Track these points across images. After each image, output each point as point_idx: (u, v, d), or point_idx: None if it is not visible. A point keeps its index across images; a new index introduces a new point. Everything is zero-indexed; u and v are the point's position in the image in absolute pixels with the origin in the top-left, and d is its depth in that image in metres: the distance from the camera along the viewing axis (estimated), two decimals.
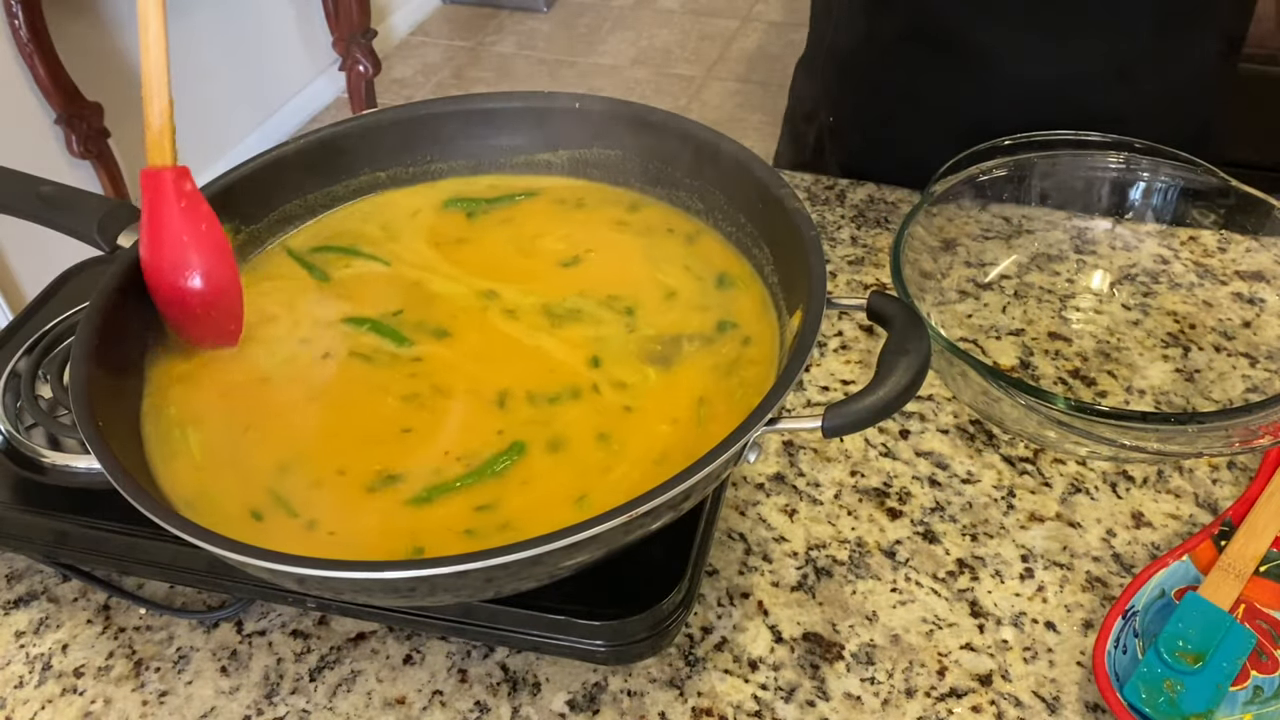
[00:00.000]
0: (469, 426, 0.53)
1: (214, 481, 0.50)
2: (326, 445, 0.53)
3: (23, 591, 0.61)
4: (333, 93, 2.86)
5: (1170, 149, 0.73)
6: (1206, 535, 0.58)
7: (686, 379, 0.54)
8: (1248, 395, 0.68)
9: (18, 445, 0.58)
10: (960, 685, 0.54)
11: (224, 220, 0.58)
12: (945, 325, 0.72)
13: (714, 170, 0.60)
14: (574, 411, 0.52)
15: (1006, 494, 0.63)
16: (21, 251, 1.97)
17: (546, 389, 0.53)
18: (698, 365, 0.54)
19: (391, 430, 0.53)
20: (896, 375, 0.45)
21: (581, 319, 0.57)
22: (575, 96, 0.64)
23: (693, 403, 0.52)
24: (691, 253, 0.61)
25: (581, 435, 0.51)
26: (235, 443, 0.53)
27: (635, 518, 0.41)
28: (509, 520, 0.48)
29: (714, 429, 0.50)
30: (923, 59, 0.86)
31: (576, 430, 0.51)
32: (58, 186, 0.60)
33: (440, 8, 3.31)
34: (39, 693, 0.56)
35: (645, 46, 2.99)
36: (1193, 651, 0.52)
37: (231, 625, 0.58)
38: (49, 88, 1.96)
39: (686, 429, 0.51)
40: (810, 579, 0.59)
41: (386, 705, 0.54)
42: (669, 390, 0.53)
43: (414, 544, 0.48)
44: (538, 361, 0.55)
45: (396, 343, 0.57)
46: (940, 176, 0.73)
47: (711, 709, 0.53)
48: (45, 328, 0.64)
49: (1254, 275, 0.75)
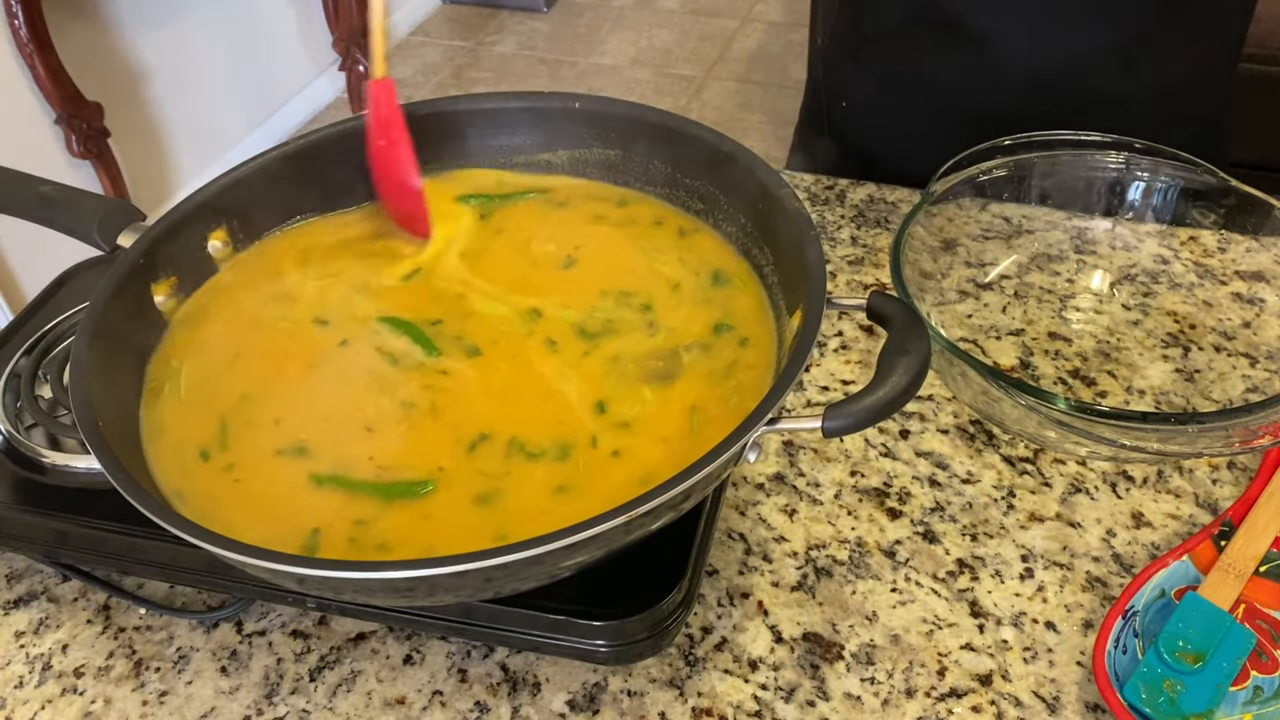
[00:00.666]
0: (418, 450, 0.52)
1: (188, 414, 0.54)
2: (290, 397, 0.54)
3: (23, 591, 0.61)
4: (333, 93, 2.86)
5: (1170, 149, 0.73)
6: (1206, 535, 0.58)
7: (682, 391, 0.53)
8: (1248, 395, 0.68)
9: (18, 445, 0.58)
10: (960, 685, 0.54)
11: (220, 224, 0.61)
12: (945, 325, 0.72)
13: (714, 170, 0.60)
14: (541, 471, 0.50)
15: (1006, 494, 0.63)
16: (21, 251, 1.97)
17: (535, 443, 0.51)
18: (696, 372, 0.54)
19: (356, 419, 0.53)
20: (896, 375, 0.45)
21: (615, 331, 0.56)
22: (575, 97, 0.64)
23: (685, 412, 0.52)
24: (684, 245, 0.61)
25: (532, 491, 0.49)
26: (221, 373, 0.55)
27: (635, 518, 0.41)
28: (386, 543, 0.48)
29: (710, 433, 0.50)
30: (927, 45, 0.87)
31: (529, 487, 0.50)
32: (58, 186, 0.60)
33: (440, 8, 3.31)
34: (39, 693, 0.56)
35: (645, 46, 2.99)
36: (1193, 651, 0.52)
37: (231, 625, 0.58)
38: (49, 88, 1.96)
39: (676, 445, 0.51)
40: (810, 579, 0.59)
41: (386, 705, 0.54)
42: (664, 408, 0.52)
43: (305, 524, 0.48)
44: (549, 410, 0.53)
45: (427, 351, 0.57)
46: (940, 176, 0.73)
47: (711, 709, 0.53)
48: (45, 328, 0.65)
49: (1254, 275, 0.75)
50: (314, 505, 0.49)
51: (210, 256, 0.61)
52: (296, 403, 0.54)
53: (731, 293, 0.58)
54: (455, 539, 0.48)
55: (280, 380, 0.56)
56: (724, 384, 0.53)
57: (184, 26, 2.36)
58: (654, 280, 0.59)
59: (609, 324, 0.57)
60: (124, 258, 0.56)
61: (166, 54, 2.32)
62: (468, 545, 0.41)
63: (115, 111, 2.12)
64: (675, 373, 0.54)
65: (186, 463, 0.51)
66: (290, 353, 0.57)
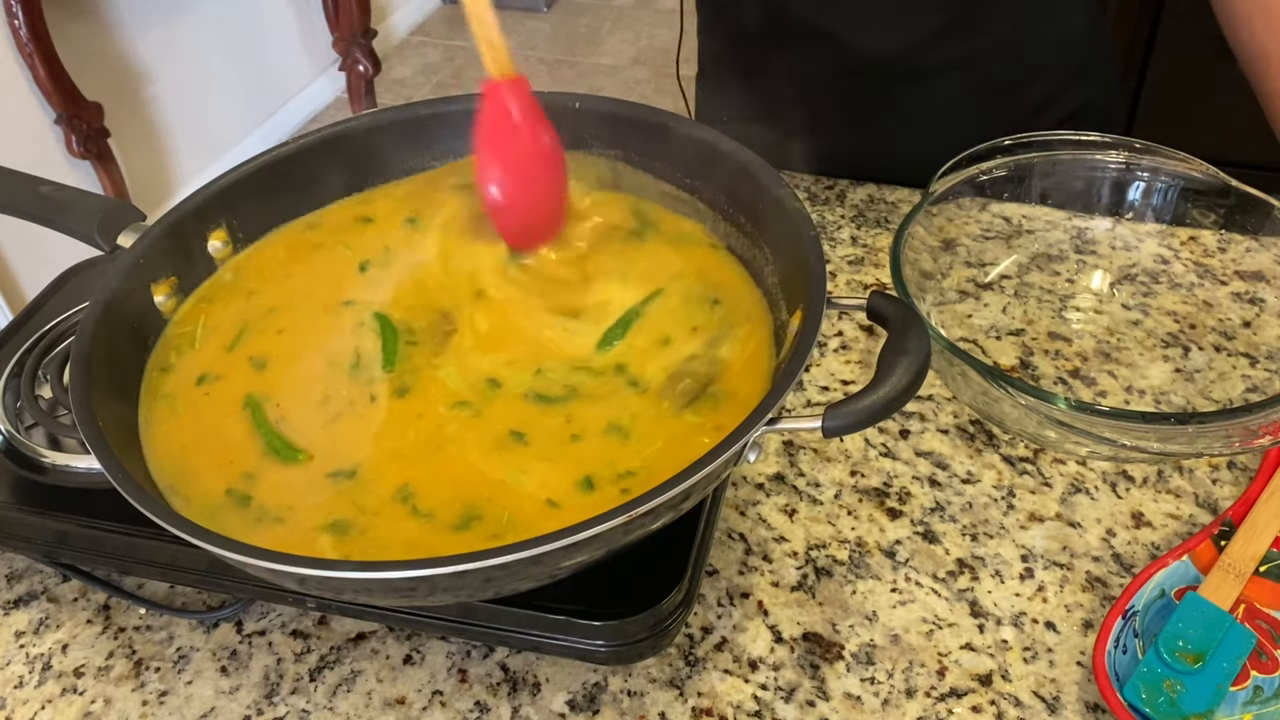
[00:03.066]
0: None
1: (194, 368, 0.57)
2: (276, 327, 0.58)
3: (23, 591, 0.61)
4: (333, 93, 2.86)
5: (1170, 149, 0.73)
6: (1206, 535, 0.58)
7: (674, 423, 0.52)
8: (1248, 395, 0.68)
9: (18, 445, 0.58)
10: (960, 685, 0.54)
11: (220, 224, 0.61)
12: (945, 325, 0.72)
13: (713, 170, 0.60)
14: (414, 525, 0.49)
15: (1006, 494, 0.63)
16: (21, 251, 1.97)
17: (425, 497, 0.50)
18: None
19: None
20: (896, 375, 0.45)
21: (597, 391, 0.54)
22: (574, 96, 0.64)
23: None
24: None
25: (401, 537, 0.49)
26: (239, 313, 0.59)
27: (635, 518, 0.41)
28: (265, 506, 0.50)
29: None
30: (786, 48, 0.89)
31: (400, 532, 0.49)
32: (58, 186, 0.60)
33: (440, 8, 3.31)
34: (39, 693, 0.56)
35: (645, 46, 2.99)
36: (1193, 651, 0.52)
37: (231, 625, 0.58)
38: (49, 88, 1.96)
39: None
40: (810, 579, 0.59)
41: (386, 705, 0.54)
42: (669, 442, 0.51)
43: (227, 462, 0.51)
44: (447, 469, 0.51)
45: (385, 364, 0.56)
46: (940, 176, 0.73)
47: (711, 709, 0.53)
48: (45, 328, 0.64)
49: (1254, 275, 0.75)
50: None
51: (210, 256, 0.61)
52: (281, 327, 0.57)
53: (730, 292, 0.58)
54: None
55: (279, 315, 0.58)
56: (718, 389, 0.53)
57: (184, 26, 2.36)
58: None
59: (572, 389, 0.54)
60: (124, 258, 0.56)
61: (166, 54, 2.32)
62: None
63: (115, 111, 2.12)
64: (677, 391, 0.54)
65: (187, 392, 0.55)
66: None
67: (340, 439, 0.53)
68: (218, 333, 0.58)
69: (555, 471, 0.50)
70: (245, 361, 0.56)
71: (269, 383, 0.55)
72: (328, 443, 0.52)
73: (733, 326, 0.56)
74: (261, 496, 0.50)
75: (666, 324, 0.57)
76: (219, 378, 0.56)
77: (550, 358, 0.56)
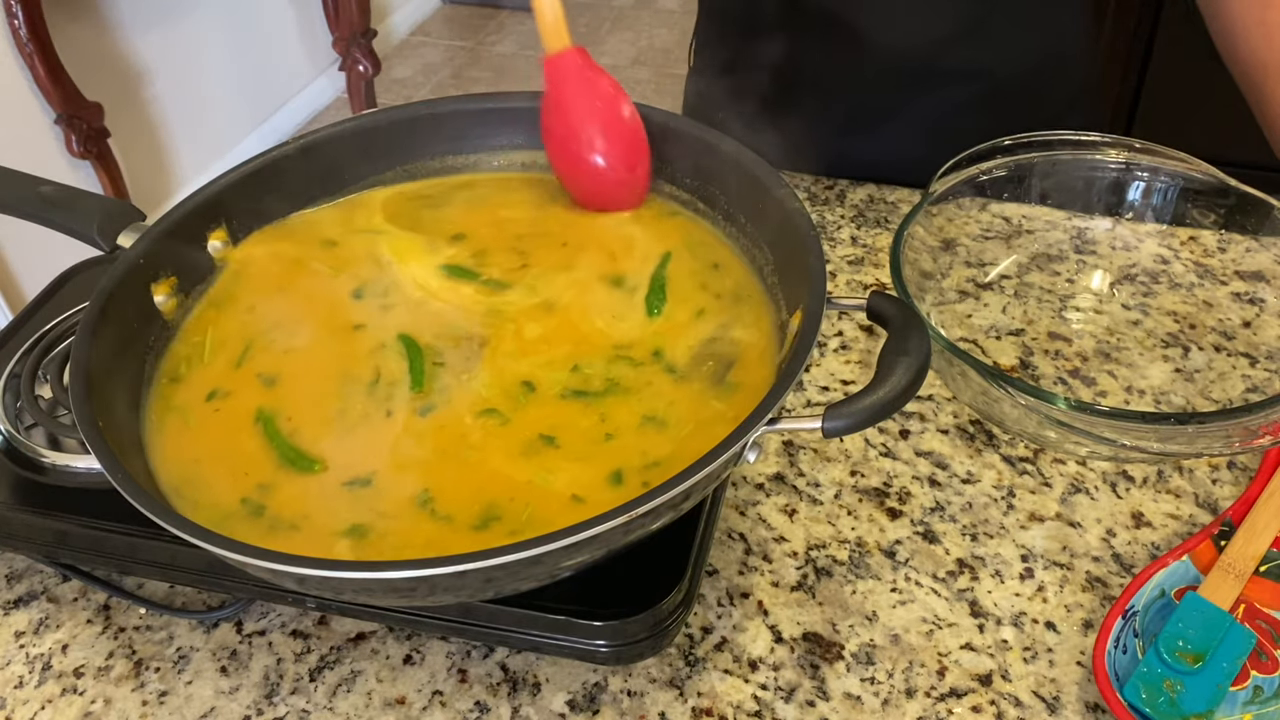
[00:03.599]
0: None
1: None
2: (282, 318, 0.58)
3: (23, 591, 0.61)
4: (333, 93, 2.86)
5: (1169, 149, 0.73)
6: (1206, 535, 0.58)
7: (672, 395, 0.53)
8: (1248, 395, 0.68)
9: (18, 445, 0.58)
10: (960, 685, 0.54)
11: (220, 224, 0.61)
12: (945, 325, 0.72)
13: (713, 170, 0.60)
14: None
15: (1006, 494, 0.63)
16: (21, 251, 1.97)
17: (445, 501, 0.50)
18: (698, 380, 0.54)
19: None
20: (896, 375, 0.45)
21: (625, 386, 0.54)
22: None
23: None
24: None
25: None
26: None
27: (635, 518, 0.41)
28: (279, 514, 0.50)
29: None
30: (802, 39, 0.89)
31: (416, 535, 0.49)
32: (58, 186, 0.60)
33: (440, 8, 3.31)
34: (39, 693, 0.56)
35: (645, 46, 3.00)
36: (1193, 651, 0.52)
37: (231, 625, 0.58)
38: (49, 88, 1.96)
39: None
40: (810, 579, 0.59)
41: (386, 705, 0.54)
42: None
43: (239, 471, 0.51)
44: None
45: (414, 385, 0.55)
46: (940, 176, 0.73)
47: (711, 709, 0.53)
48: (45, 328, 0.64)
49: (1254, 275, 0.75)
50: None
51: (210, 256, 0.61)
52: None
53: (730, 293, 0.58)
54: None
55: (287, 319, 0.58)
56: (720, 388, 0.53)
57: (184, 26, 2.36)
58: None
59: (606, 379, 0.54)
60: (124, 258, 0.56)
61: (166, 54, 2.32)
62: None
63: (115, 111, 2.12)
64: (675, 370, 0.54)
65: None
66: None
67: (356, 449, 0.52)
68: (225, 347, 0.57)
69: (586, 470, 0.50)
70: (254, 378, 0.56)
71: (279, 398, 0.55)
72: (343, 453, 0.52)
73: (739, 300, 0.57)
74: (277, 507, 0.49)
75: (688, 287, 0.58)
76: (229, 394, 0.55)
77: (593, 350, 0.55)
